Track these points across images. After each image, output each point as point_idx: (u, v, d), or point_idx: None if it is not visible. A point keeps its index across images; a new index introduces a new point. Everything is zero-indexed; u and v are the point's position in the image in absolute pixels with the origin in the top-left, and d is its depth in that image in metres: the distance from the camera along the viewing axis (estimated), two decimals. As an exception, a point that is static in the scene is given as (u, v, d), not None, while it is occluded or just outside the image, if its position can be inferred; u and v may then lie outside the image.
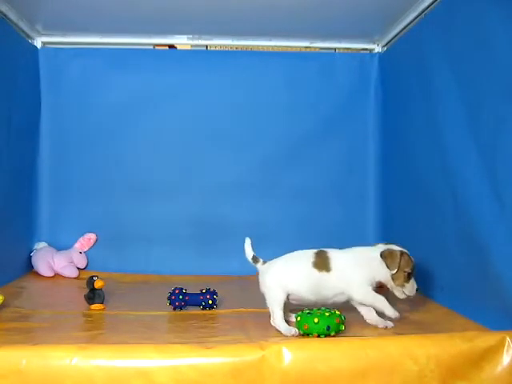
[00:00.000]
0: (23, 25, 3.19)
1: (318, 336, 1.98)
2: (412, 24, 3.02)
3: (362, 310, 2.21)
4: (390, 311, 2.15)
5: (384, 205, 3.44)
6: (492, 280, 2.02)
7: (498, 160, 2.03)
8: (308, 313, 2.04)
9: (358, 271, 2.19)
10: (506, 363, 1.75)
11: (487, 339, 1.77)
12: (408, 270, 2.17)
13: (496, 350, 1.76)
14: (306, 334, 2.01)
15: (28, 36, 3.35)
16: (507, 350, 1.76)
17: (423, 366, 1.71)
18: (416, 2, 2.85)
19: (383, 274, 2.19)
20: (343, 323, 2.04)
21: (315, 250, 2.28)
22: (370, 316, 2.19)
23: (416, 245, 2.20)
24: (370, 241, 3.52)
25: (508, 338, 1.76)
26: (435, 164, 2.59)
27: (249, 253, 2.41)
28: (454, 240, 2.33)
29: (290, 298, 2.23)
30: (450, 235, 2.40)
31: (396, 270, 2.16)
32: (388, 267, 2.17)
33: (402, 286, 2.19)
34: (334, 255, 2.24)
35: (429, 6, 2.78)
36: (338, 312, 2.05)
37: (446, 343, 1.76)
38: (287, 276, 2.24)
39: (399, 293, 2.21)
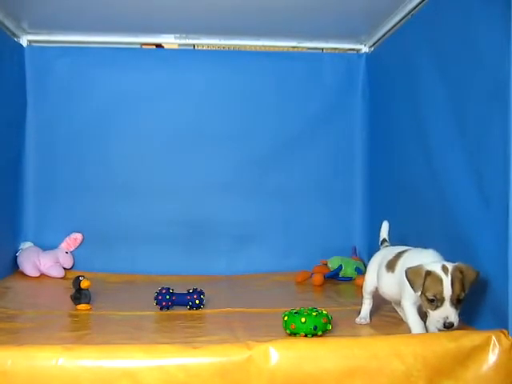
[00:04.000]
0: (9, 23, 3.17)
1: (305, 336, 1.99)
2: (399, 25, 3.03)
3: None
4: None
5: (370, 205, 3.45)
6: (478, 280, 2.03)
7: (483, 160, 2.04)
8: (295, 312, 2.04)
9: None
10: (492, 362, 1.76)
11: (473, 339, 1.78)
12: (429, 295, 1.84)
13: (482, 349, 1.77)
14: (292, 334, 2.01)
15: (14, 34, 3.32)
16: (493, 350, 1.77)
17: (410, 365, 1.72)
18: (403, 2, 2.86)
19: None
20: (330, 323, 2.04)
21: (402, 249, 2.14)
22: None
23: (398, 245, 2.21)
24: (356, 242, 3.55)
25: (494, 338, 1.77)
26: (422, 164, 2.60)
27: (382, 234, 2.41)
28: (441, 240, 2.33)
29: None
30: (436, 236, 2.40)
31: (420, 293, 1.87)
32: (411, 287, 1.90)
33: (427, 312, 1.89)
34: (404, 256, 2.09)
35: (415, 7, 2.80)
36: (325, 312, 2.05)
37: (433, 342, 1.76)
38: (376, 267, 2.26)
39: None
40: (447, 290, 1.83)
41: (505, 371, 1.76)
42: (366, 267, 3.20)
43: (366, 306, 2.29)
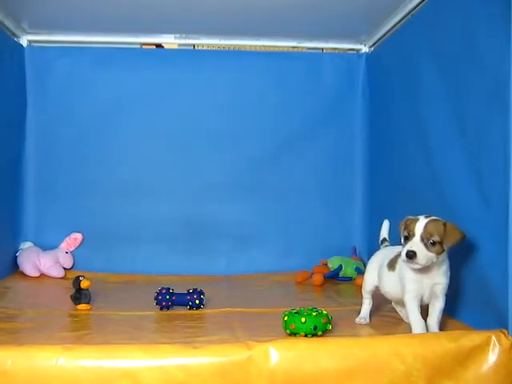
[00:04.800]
0: (9, 23, 3.17)
1: (305, 336, 1.99)
2: (399, 25, 3.03)
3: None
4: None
5: (370, 205, 3.45)
6: (478, 280, 2.04)
7: (483, 160, 2.04)
8: (295, 312, 2.04)
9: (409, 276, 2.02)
10: (492, 362, 1.76)
11: (473, 338, 1.78)
12: (404, 233, 1.97)
13: (482, 349, 1.77)
14: (292, 334, 2.01)
15: (14, 34, 3.32)
16: (493, 350, 1.77)
17: (410, 365, 1.72)
18: (403, 2, 2.86)
19: None
20: (330, 323, 2.04)
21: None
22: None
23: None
24: (356, 242, 3.56)
25: (494, 338, 1.78)
26: (422, 164, 2.60)
27: (382, 234, 2.41)
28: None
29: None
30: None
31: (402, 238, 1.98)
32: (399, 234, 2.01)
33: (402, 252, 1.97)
34: None
35: (416, 7, 2.80)
36: (325, 312, 2.05)
37: (433, 342, 1.77)
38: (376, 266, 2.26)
39: None
40: (419, 228, 1.93)
41: (505, 371, 1.76)
42: (366, 267, 3.21)
43: (366, 306, 2.29)
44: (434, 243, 1.91)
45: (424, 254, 1.90)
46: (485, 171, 2.03)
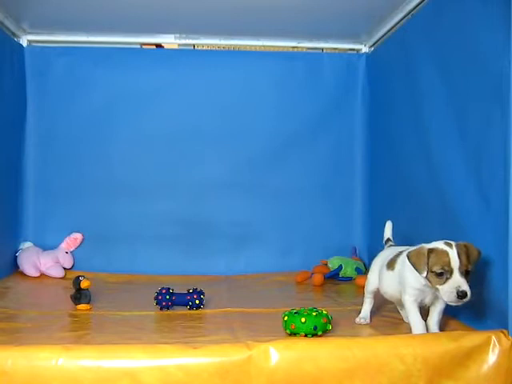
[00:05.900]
0: (9, 23, 3.17)
1: (305, 336, 1.99)
2: (399, 25, 3.03)
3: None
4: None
5: (371, 205, 3.45)
6: (478, 280, 2.03)
7: (483, 160, 2.04)
8: (295, 312, 2.04)
9: (409, 274, 1.98)
10: (492, 362, 1.76)
11: (473, 339, 1.78)
12: (437, 269, 1.84)
13: (482, 349, 1.77)
14: (293, 334, 2.01)
15: (14, 34, 3.32)
16: (493, 350, 1.77)
17: (410, 365, 1.72)
18: (403, 2, 2.86)
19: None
20: (330, 323, 2.04)
21: (404, 248, 2.10)
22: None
23: (403, 245, 2.21)
24: (356, 242, 3.55)
25: (494, 338, 1.78)
26: (422, 164, 2.60)
27: (385, 234, 2.39)
28: (441, 240, 2.34)
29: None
30: (436, 236, 2.40)
31: (425, 273, 1.87)
32: (416, 270, 1.90)
33: (437, 289, 1.88)
34: (404, 254, 2.04)
35: (415, 7, 2.80)
36: (325, 312, 2.05)
37: (433, 343, 1.77)
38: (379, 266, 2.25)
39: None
40: (455, 261, 1.83)
41: (505, 371, 1.76)
42: (366, 267, 3.23)
43: (367, 306, 2.29)
44: (468, 272, 1.85)
45: (468, 287, 1.81)
46: (485, 171, 2.03)
